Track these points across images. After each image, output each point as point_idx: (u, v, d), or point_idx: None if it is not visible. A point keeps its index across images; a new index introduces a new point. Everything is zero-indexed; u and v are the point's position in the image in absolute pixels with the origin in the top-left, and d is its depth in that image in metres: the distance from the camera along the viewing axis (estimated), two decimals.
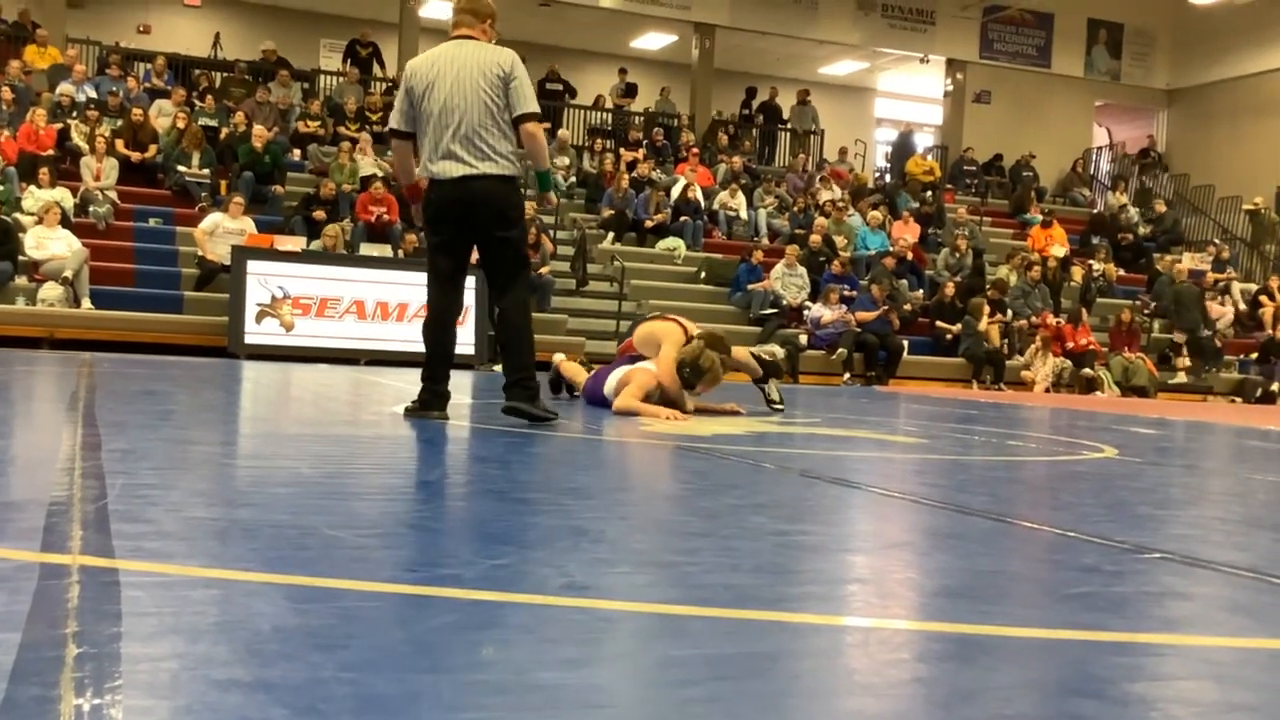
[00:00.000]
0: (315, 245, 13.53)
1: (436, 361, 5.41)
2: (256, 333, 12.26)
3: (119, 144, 14.92)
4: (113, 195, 14.33)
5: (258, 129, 15.43)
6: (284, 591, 1.87)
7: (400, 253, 13.99)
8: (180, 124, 15.45)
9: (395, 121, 5.47)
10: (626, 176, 17.58)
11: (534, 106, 5.34)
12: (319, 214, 14.26)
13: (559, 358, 7.84)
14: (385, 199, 14.47)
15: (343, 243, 13.81)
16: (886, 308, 15.64)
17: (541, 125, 5.45)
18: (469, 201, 5.25)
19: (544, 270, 14.53)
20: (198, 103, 16.82)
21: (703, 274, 16.63)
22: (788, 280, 16.07)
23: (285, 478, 3.41)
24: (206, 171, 15.08)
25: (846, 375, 15.10)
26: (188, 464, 3.62)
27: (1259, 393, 16.82)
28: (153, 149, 15.25)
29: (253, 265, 12.44)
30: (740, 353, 7.17)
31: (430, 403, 5.37)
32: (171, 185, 15.01)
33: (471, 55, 5.29)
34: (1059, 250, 18.71)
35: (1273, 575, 2.49)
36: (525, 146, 5.40)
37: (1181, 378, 17.18)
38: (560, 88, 21.28)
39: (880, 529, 3.11)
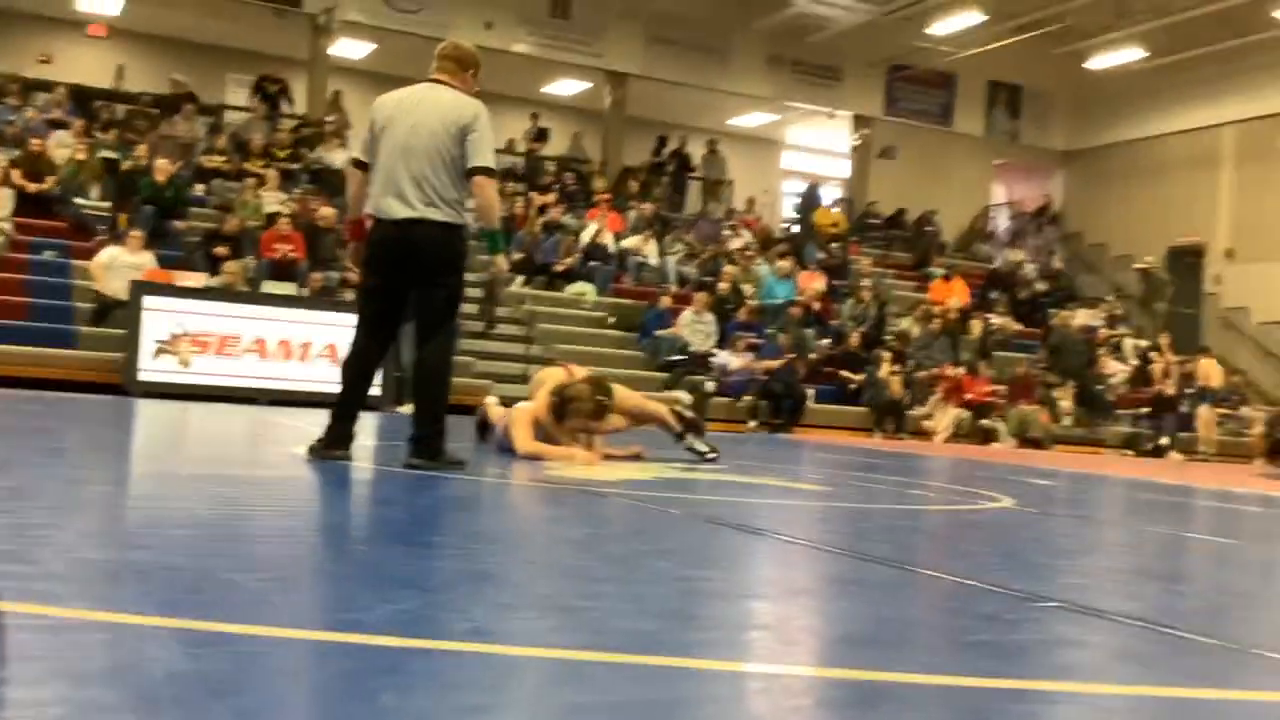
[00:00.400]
0: (215, 281, 13.29)
1: (349, 401, 5.34)
2: (153, 370, 11.97)
3: (15, 174, 14.54)
4: (7, 226, 13.92)
5: (161, 162, 15.16)
6: (178, 636, 1.82)
7: (306, 291, 13.81)
8: (80, 156, 15.11)
9: (358, 152, 5.43)
10: (539, 220, 17.60)
11: (489, 161, 5.19)
12: (221, 250, 14.02)
13: (489, 400, 7.77)
14: (291, 236, 14.29)
15: (244, 279, 13.59)
16: (792, 356, 15.82)
17: (494, 182, 5.28)
18: (409, 245, 5.13)
19: None
20: (99, 134, 16.48)
21: (611, 319, 16.68)
22: (695, 327, 16.18)
23: (181, 519, 3.33)
24: (106, 204, 14.75)
25: (752, 423, 15.21)
26: (79, 504, 3.52)
27: (1149, 446, 17.32)
28: (50, 180, 14.88)
29: (151, 300, 12.16)
30: (645, 403, 7.11)
31: (334, 441, 5.25)
32: (69, 217, 14.65)
33: (438, 100, 5.21)
34: (956, 302, 19.17)
35: (1161, 624, 2.55)
36: (475, 202, 5.27)
37: (1068, 423, 17.70)
38: None
39: (784, 576, 3.13)
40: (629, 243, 18.35)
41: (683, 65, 21.94)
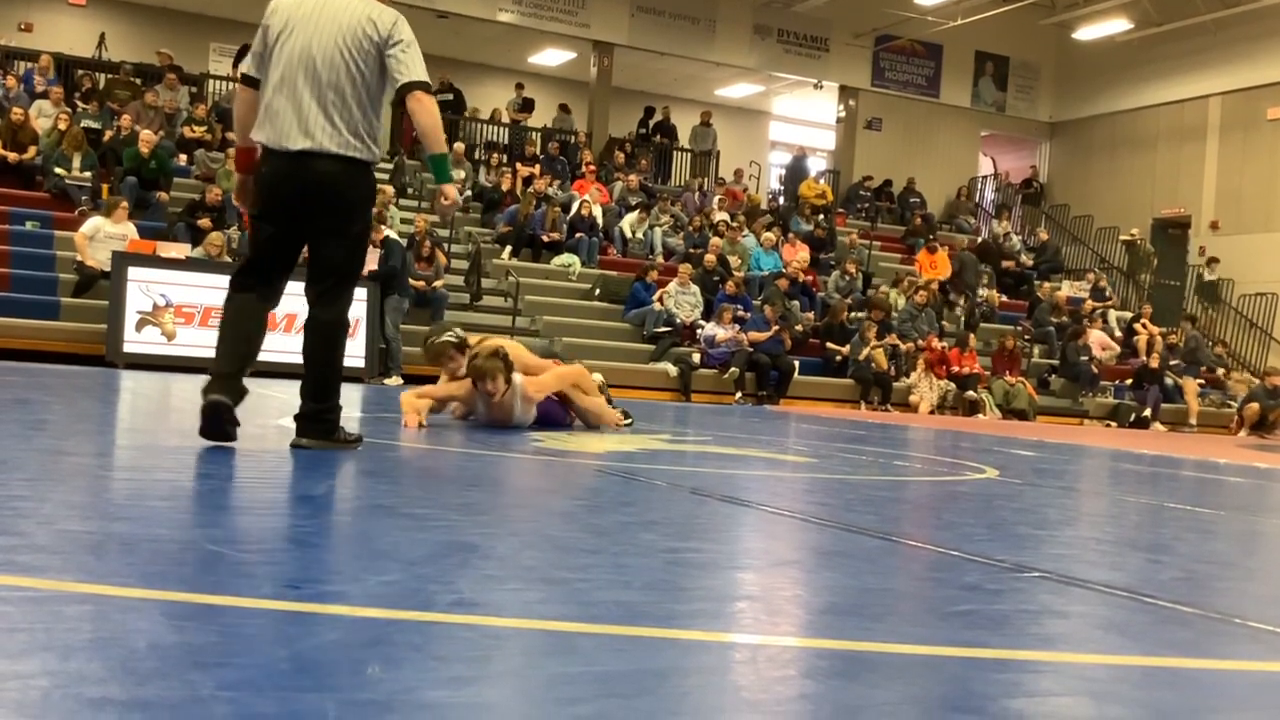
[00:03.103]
0: (198, 253, 13.21)
1: (241, 355, 4.47)
2: (136, 341, 11.91)
3: None
4: None
5: (144, 133, 15.04)
6: (161, 608, 1.82)
7: None
8: (62, 125, 14.99)
9: (246, 66, 4.48)
10: (526, 192, 17.54)
11: (422, 75, 4.39)
12: (204, 221, 13.94)
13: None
14: None
15: (227, 250, 13.52)
16: (779, 328, 15.83)
17: (430, 94, 4.44)
18: (306, 184, 4.30)
19: (438, 284, 14.43)
20: (80, 104, 16.34)
21: (597, 291, 16.66)
22: (681, 299, 16.17)
23: (164, 490, 3.32)
24: (88, 175, 14.64)
25: (738, 394, 15.24)
26: (62, 475, 3.50)
27: (1132, 417, 17.41)
28: (32, 150, 14.77)
29: (134, 272, 12.09)
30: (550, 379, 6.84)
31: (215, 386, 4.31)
32: (50, 188, 14.53)
33: (346, 5, 4.36)
34: (942, 275, 19.24)
35: (1144, 594, 2.57)
36: (415, 124, 4.44)
37: (1053, 386, 17.91)
38: (451, 97, 21.15)
39: (769, 547, 3.14)
40: (623, 223, 18.30)
41: (669, 35, 21.84)
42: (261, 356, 4.54)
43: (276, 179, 4.33)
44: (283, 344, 12.56)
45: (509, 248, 16.85)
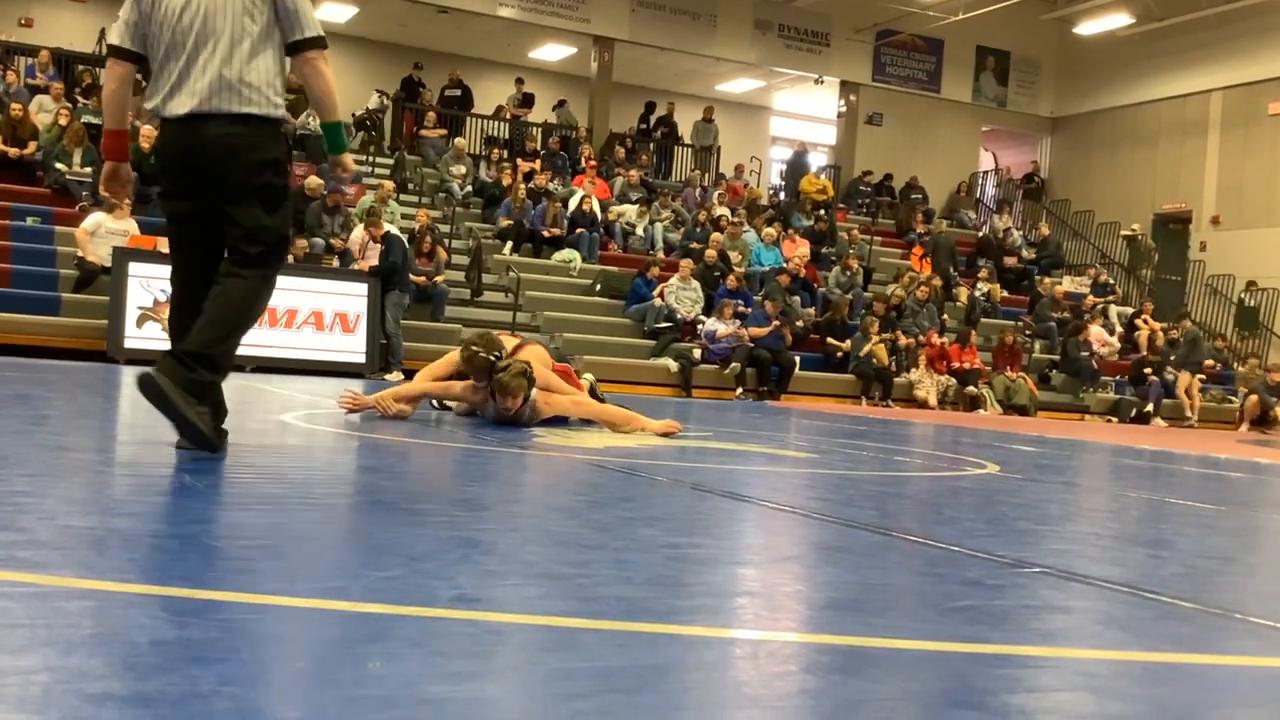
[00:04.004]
0: None
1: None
2: (137, 337, 11.91)
3: None
4: None
5: (144, 128, 15.03)
6: (163, 603, 1.82)
7: (290, 258, 13.74)
8: (62, 121, 14.98)
9: (116, 36, 4.00)
10: (524, 187, 17.53)
11: (316, 30, 3.97)
12: None
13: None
14: None
15: None
16: (780, 323, 15.83)
17: (325, 55, 3.99)
18: (197, 151, 3.84)
19: (439, 279, 14.43)
20: (81, 100, 16.33)
21: (598, 286, 16.65)
22: (682, 294, 16.17)
23: (166, 486, 3.32)
24: (88, 170, 14.64)
25: (739, 390, 15.23)
26: (63, 471, 3.50)
27: (1133, 413, 17.40)
28: (32, 145, 14.76)
29: (135, 267, 12.09)
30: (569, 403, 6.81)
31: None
32: (51, 184, 14.54)
33: None
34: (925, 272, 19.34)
35: (1145, 590, 2.57)
36: (306, 87, 4.03)
37: (1054, 381, 17.91)
38: (459, 93, 21.17)
39: (770, 542, 3.14)
40: (619, 210, 18.29)
41: (670, 30, 21.82)
42: (261, 352, 4.41)
43: (170, 149, 3.94)
44: (284, 339, 12.59)
45: (510, 243, 16.84)
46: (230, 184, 3.85)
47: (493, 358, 6.21)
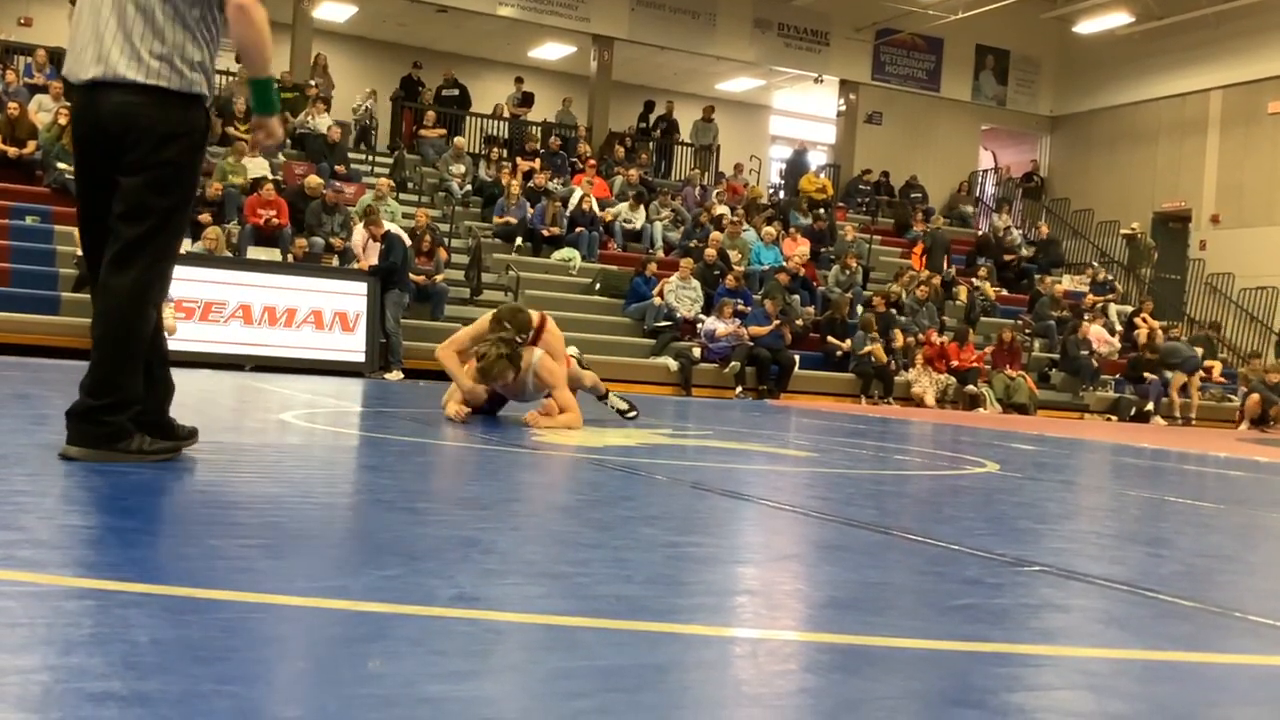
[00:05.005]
0: (198, 248, 13.21)
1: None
2: None
3: None
4: None
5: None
6: (162, 603, 1.82)
7: (290, 257, 13.75)
8: (62, 120, 14.97)
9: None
10: (516, 184, 17.52)
11: None
12: (204, 216, 13.94)
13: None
14: (275, 202, 14.21)
15: (224, 245, 13.52)
16: (779, 322, 15.82)
17: (258, 6, 3.54)
18: (100, 120, 3.53)
19: (438, 278, 14.43)
20: None
21: (597, 285, 16.65)
22: (681, 293, 16.17)
23: (165, 485, 3.32)
24: None
25: (739, 389, 15.23)
26: (62, 470, 3.50)
27: (1133, 411, 17.40)
28: (31, 145, 14.76)
29: None
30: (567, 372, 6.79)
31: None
32: (51, 183, 14.53)
33: None
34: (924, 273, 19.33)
35: (1144, 588, 2.57)
36: (234, 36, 3.58)
37: (1054, 380, 17.90)
38: (456, 93, 21.15)
39: (770, 541, 3.14)
40: (615, 211, 18.30)
41: (669, 29, 21.82)
42: (260, 351, 4.23)
43: (75, 117, 3.66)
44: (284, 339, 12.59)
45: (519, 240, 16.84)
46: (123, 157, 3.52)
47: (506, 354, 6.11)
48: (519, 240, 16.90)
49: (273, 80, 3.77)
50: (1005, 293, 20.46)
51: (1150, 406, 17.39)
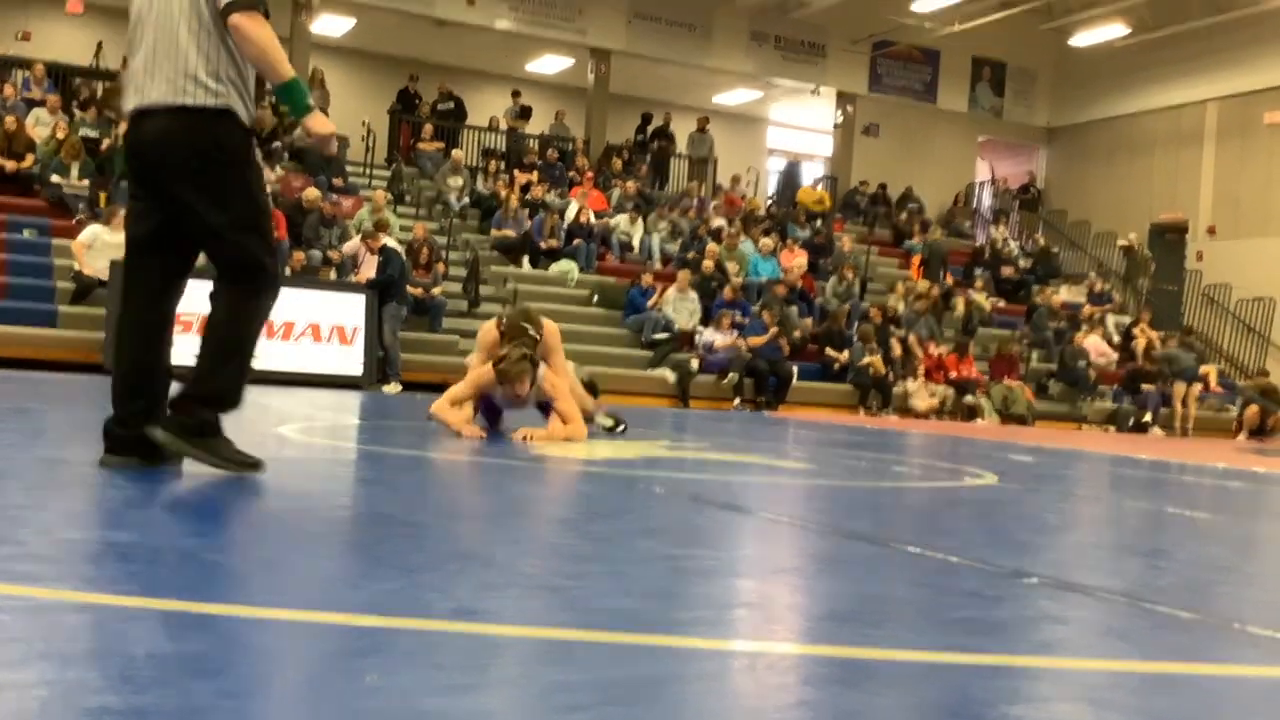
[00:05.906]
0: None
1: (119, 385, 3.81)
2: None
3: None
4: None
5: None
6: (160, 617, 1.82)
7: (286, 270, 13.74)
8: (60, 134, 15.00)
9: None
10: (517, 198, 17.55)
11: None
12: None
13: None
14: (273, 215, 14.23)
15: None
16: (777, 334, 15.83)
17: (254, 15, 3.54)
18: (140, 149, 3.63)
19: (436, 291, 14.44)
20: (78, 113, 16.35)
21: (595, 297, 16.66)
22: (679, 305, 16.18)
23: (163, 499, 3.32)
24: (85, 183, 14.64)
25: (737, 400, 15.23)
26: (60, 484, 3.50)
27: (1131, 422, 17.40)
28: (29, 158, 14.77)
29: None
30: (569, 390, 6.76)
31: (113, 445, 3.78)
32: (48, 196, 14.54)
33: None
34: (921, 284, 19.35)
35: (1143, 600, 2.57)
36: (242, 53, 3.61)
37: (1052, 391, 17.91)
38: (452, 106, 21.18)
39: (768, 554, 3.13)
40: (613, 222, 18.32)
41: (666, 41, 21.86)
42: (257, 364, 4.22)
43: (125, 154, 3.78)
44: (280, 352, 12.57)
45: (525, 257, 16.86)
46: (171, 188, 3.60)
47: (528, 354, 6.09)
48: (525, 259, 16.90)
49: (296, 81, 3.74)
50: (1003, 304, 20.47)
51: (1148, 417, 17.39)
